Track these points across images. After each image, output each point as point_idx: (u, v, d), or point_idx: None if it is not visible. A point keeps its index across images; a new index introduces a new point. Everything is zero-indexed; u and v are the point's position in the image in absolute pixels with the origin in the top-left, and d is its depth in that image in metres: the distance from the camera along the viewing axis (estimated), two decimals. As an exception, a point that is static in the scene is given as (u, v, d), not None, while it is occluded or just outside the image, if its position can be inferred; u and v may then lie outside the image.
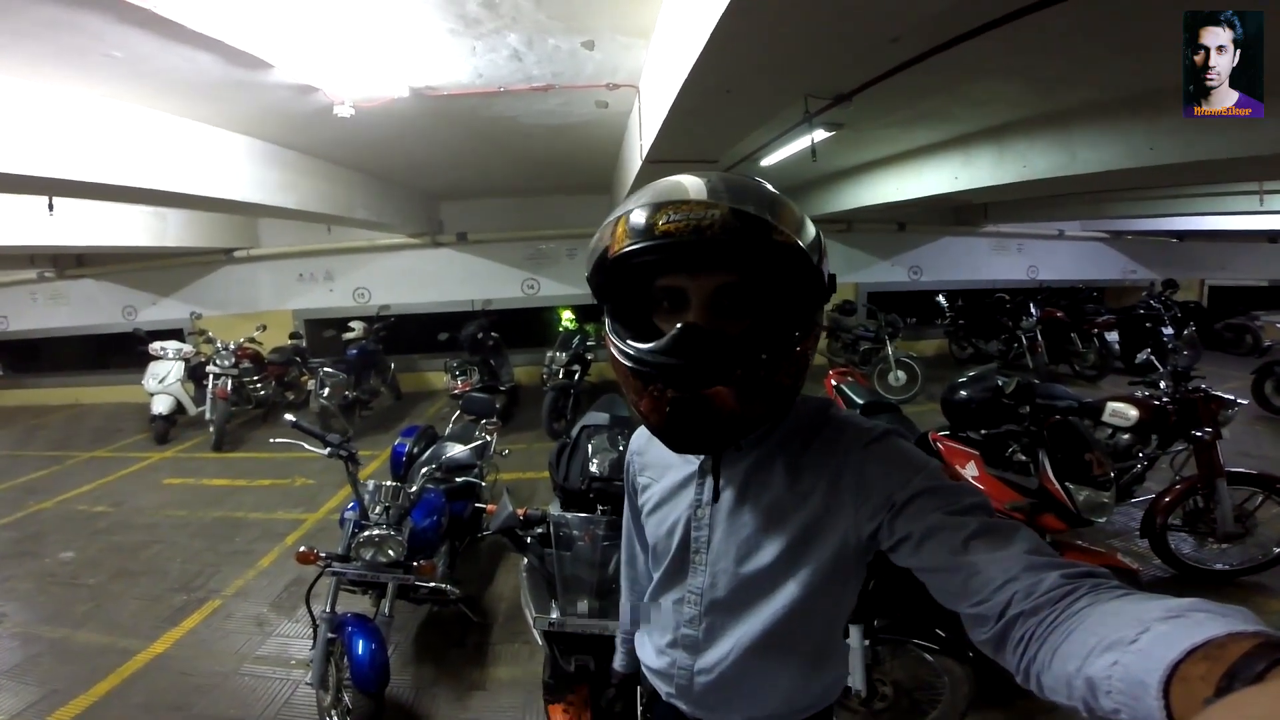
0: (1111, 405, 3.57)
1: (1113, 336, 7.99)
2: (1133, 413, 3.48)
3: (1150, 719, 0.44)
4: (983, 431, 3.15)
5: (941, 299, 9.11)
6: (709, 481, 0.99)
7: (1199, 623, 0.46)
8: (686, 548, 1.02)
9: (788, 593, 0.93)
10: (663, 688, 1.12)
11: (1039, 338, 7.94)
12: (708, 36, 2.09)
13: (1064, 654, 0.56)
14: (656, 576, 1.10)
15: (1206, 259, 11.05)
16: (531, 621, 2.23)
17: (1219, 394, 3.41)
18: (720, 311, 0.84)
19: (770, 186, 0.85)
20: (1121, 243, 10.76)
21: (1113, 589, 0.61)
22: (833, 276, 0.90)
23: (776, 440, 0.96)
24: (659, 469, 1.10)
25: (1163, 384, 3.53)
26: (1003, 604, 0.65)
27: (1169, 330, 8.05)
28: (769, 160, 5.08)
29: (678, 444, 0.90)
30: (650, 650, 1.14)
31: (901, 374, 7.31)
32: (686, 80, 2.53)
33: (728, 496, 0.98)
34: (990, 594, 0.67)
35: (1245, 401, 3.83)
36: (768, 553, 0.93)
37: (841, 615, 1.03)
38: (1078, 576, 0.63)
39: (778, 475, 0.94)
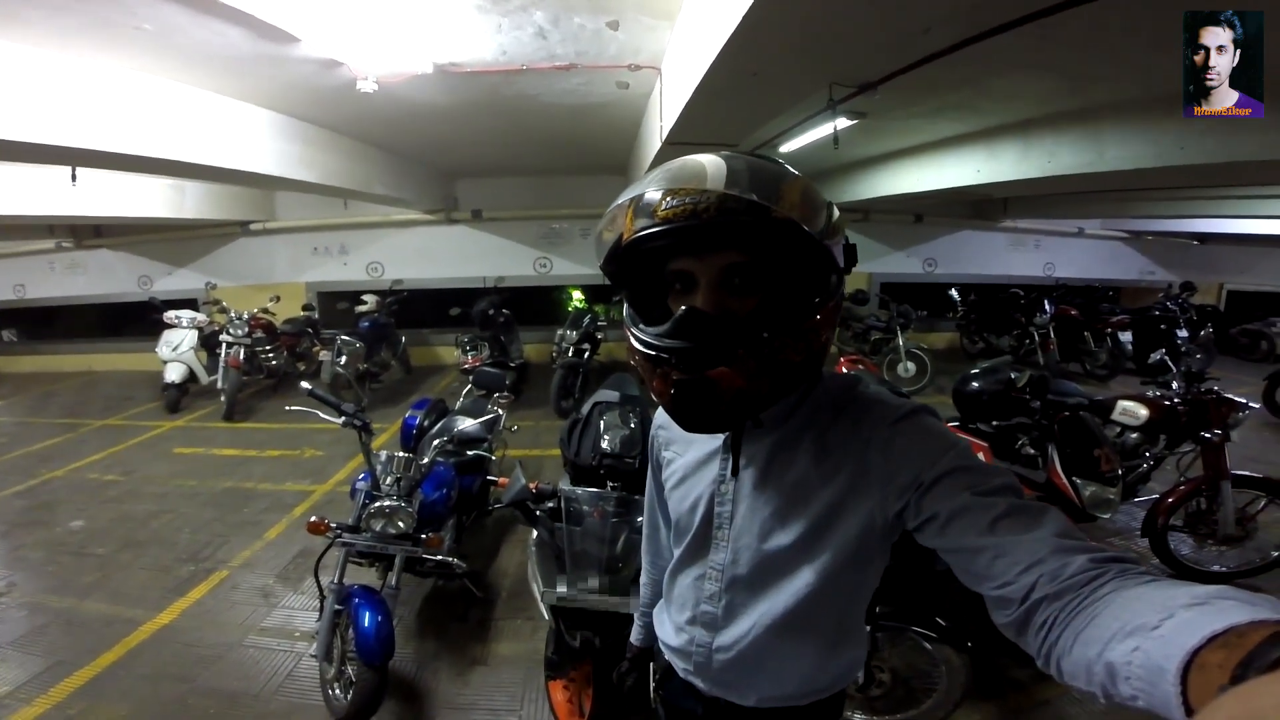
0: (1122, 403, 3.55)
1: (1126, 336, 7.90)
2: (1143, 411, 3.47)
3: (1166, 706, 0.43)
4: (994, 423, 3.16)
5: (954, 292, 9.05)
6: (731, 457, 0.99)
7: (1224, 610, 0.45)
8: (709, 523, 1.01)
9: (810, 571, 0.92)
10: (680, 665, 1.11)
11: (1051, 335, 7.86)
12: (740, 19, 2.07)
13: (1086, 639, 0.55)
14: (678, 552, 1.09)
15: (1228, 262, 10.85)
16: (539, 595, 2.24)
17: (1231, 397, 3.38)
18: (731, 290, 0.85)
19: (782, 164, 0.84)
20: (1141, 243, 10.60)
21: (1139, 575, 0.59)
22: (853, 248, 0.90)
23: (802, 417, 0.94)
24: (684, 443, 1.09)
25: (1175, 384, 3.52)
26: (1027, 587, 0.64)
27: (1184, 332, 7.99)
28: (789, 146, 5.04)
29: (687, 424, 0.89)
30: (669, 627, 1.14)
31: (911, 365, 7.31)
32: (714, 62, 2.50)
33: (751, 473, 0.97)
34: (1015, 576, 0.66)
35: (1257, 406, 3.81)
36: (791, 530, 0.92)
37: (863, 596, 1.02)
38: (1105, 561, 0.62)
39: (803, 452, 0.93)
